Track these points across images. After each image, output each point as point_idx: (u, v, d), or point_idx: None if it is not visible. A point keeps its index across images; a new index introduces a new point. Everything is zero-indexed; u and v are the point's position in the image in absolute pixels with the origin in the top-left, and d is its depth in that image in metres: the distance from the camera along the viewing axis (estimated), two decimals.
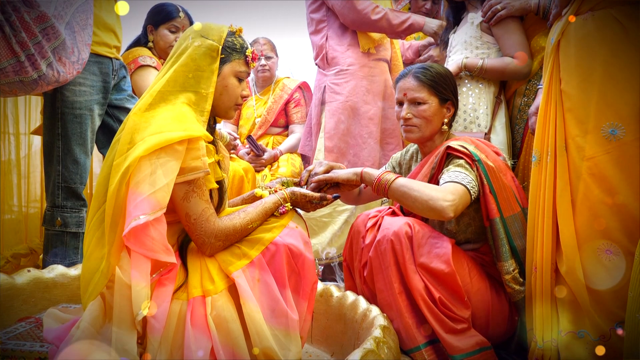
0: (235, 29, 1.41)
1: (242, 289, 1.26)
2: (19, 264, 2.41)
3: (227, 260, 1.30)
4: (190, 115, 1.29)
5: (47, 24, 1.57)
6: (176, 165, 1.21)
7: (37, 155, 2.62)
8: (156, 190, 1.17)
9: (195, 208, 1.27)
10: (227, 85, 1.38)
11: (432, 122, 1.70)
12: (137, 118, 1.28)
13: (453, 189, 1.49)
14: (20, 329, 1.45)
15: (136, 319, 1.15)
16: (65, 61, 1.68)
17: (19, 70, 1.56)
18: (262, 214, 1.37)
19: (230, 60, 1.37)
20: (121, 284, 1.17)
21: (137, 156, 1.18)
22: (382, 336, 1.30)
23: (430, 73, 1.72)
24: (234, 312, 1.25)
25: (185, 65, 1.33)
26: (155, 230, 1.18)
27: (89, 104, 2.05)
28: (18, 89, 1.62)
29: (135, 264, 1.17)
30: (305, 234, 1.38)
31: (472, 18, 2.22)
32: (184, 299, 1.25)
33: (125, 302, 1.16)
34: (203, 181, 1.29)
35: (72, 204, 2.05)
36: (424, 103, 1.69)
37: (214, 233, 1.29)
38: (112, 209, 1.20)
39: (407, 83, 1.72)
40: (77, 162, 2.05)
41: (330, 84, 2.47)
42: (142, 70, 2.41)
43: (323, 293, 1.69)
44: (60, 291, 1.74)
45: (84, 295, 1.24)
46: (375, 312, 1.47)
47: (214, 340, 1.22)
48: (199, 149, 1.25)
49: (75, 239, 2.05)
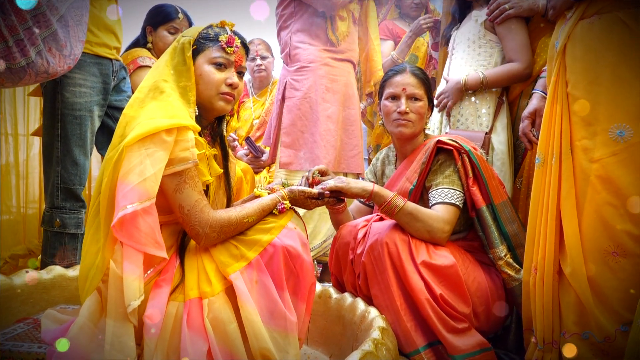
0: (226, 23, 1.42)
1: (239, 291, 1.24)
2: (17, 265, 2.40)
3: (225, 262, 1.28)
4: (177, 105, 1.29)
5: (39, 11, 1.53)
6: (164, 155, 1.20)
7: (36, 156, 2.60)
8: (144, 179, 1.17)
9: (188, 199, 1.26)
10: (202, 73, 1.37)
11: (422, 119, 1.78)
12: (128, 112, 1.29)
13: (447, 217, 1.59)
14: (19, 330, 1.44)
15: (128, 309, 1.13)
16: (56, 53, 1.64)
17: (7, 55, 1.51)
18: (259, 210, 1.35)
19: (204, 49, 1.38)
20: (114, 276, 1.17)
21: (125, 145, 1.18)
22: (381, 338, 1.29)
23: (424, 73, 1.82)
24: (231, 314, 1.24)
25: (165, 63, 1.36)
26: (144, 222, 1.17)
27: (89, 105, 2.04)
28: (5, 78, 1.57)
29: (127, 255, 1.16)
30: (303, 235, 1.37)
31: (477, 16, 2.22)
32: (180, 300, 1.24)
33: (119, 294, 1.15)
34: (195, 172, 1.27)
35: (71, 205, 2.04)
36: (420, 100, 1.77)
37: (209, 223, 1.28)
38: (107, 201, 1.20)
39: (406, 79, 1.77)
40: (77, 164, 2.03)
41: (290, 79, 2.46)
42: (141, 70, 2.41)
43: (321, 294, 1.68)
44: (59, 292, 1.73)
45: (82, 292, 1.23)
46: (373, 314, 1.46)
47: (211, 342, 1.20)
48: (187, 140, 1.25)
49: (74, 240, 2.04)
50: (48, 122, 2.03)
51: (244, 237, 1.32)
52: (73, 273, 1.77)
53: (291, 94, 2.45)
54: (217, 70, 1.38)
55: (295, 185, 1.53)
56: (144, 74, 2.39)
